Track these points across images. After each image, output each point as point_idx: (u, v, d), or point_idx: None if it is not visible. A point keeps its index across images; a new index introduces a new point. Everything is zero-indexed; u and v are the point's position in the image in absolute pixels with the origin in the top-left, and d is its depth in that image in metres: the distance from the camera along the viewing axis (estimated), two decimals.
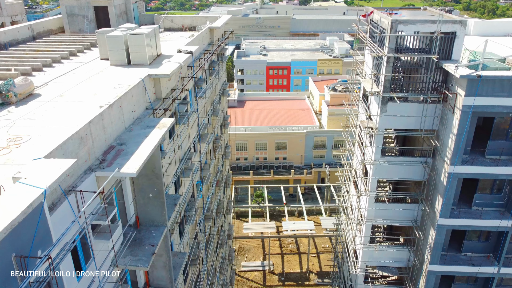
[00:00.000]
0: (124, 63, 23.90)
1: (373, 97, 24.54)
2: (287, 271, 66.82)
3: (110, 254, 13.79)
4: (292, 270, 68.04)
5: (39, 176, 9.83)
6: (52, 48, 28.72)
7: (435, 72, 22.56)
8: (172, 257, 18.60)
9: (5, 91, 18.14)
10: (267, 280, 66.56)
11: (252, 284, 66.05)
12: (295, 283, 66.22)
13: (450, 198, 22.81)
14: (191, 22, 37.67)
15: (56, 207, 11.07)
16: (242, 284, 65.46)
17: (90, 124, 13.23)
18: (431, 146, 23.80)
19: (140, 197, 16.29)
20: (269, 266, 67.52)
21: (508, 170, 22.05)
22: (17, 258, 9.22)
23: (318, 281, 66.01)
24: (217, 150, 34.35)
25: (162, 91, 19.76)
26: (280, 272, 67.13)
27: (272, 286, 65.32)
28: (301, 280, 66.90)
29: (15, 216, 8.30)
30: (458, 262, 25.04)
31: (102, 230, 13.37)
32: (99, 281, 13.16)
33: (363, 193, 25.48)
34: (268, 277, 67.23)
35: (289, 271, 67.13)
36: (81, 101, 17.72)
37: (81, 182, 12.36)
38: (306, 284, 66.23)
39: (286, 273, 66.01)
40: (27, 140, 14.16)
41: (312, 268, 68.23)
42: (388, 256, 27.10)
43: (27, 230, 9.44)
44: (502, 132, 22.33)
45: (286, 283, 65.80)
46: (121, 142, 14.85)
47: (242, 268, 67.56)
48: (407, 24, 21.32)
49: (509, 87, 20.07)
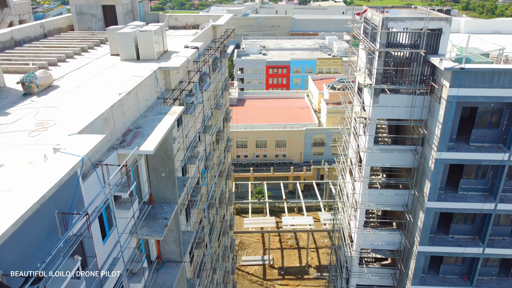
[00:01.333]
0: (133, 58, 25.57)
1: (366, 89, 26.38)
2: (287, 265, 68.19)
3: (129, 224, 15.60)
4: (292, 265, 69.31)
5: (76, 147, 11.61)
6: (64, 44, 30.43)
7: (423, 65, 24.42)
8: (181, 235, 20.37)
9: (28, 83, 19.88)
10: (267, 274, 67.75)
11: (252, 278, 67.31)
12: (295, 277, 67.57)
13: (437, 182, 24.64)
14: (194, 21, 39.42)
15: (86, 177, 12.83)
16: (243, 278, 66.76)
17: (112, 108, 15.00)
18: (420, 135, 25.64)
19: (153, 177, 18.08)
20: (269, 261, 68.84)
21: (490, 156, 23.91)
22: (60, 214, 10.98)
23: (317, 275, 67.29)
24: (220, 142, 36.16)
25: (172, 83, 21.54)
26: (280, 266, 68.35)
27: (272, 279, 66.48)
28: (300, 274, 68.20)
29: (60, 177, 10.08)
30: (445, 243, 26.88)
31: (123, 201, 15.15)
32: (120, 246, 14.94)
33: (357, 179, 27.32)
34: (268, 271, 68.41)
35: (288, 265, 68.37)
36: (96, 92, 19.47)
37: (106, 158, 14.12)
38: (305, 278, 67.57)
39: (285, 267, 67.46)
40: (53, 124, 15.89)
41: (311, 263, 69.58)
42: (381, 239, 28.93)
43: (66, 193, 11.22)
44: (485, 121, 24.17)
45: (286, 277, 67.16)
46: (138, 126, 16.64)
47: (242, 263, 68.87)
48: (396, 21, 23.17)
49: (490, 79, 21.91)
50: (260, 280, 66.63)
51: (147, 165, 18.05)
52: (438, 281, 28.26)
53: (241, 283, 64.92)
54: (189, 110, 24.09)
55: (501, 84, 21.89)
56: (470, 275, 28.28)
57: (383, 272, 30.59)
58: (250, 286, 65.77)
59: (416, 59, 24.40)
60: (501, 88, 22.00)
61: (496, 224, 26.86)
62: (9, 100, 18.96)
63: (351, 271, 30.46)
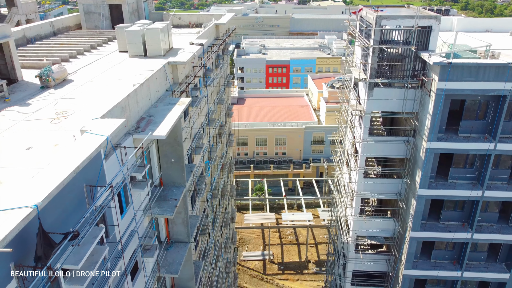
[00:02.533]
0: (141, 55, 27.09)
1: (361, 83, 27.98)
2: (287, 260, 69.73)
3: (143, 203, 17.19)
4: (291, 260, 70.65)
5: (100, 129, 13.19)
6: (74, 42, 31.95)
7: (414, 61, 26.02)
8: (189, 217, 21.95)
9: (45, 76, 21.44)
10: (267, 269, 69.05)
11: (252, 273, 68.60)
12: (294, 271, 68.97)
13: (428, 171, 26.25)
14: (197, 20, 40.97)
15: (108, 157, 14.41)
16: (243, 273, 68.04)
17: (128, 97, 16.60)
18: (412, 126, 27.24)
19: (164, 162, 19.68)
20: (269, 256, 70.27)
21: (476, 145, 25.53)
22: (87, 187, 12.56)
23: (316, 270, 68.58)
24: (222, 135, 37.76)
25: (179, 77, 23.15)
26: (280, 261, 69.80)
27: (272, 274, 67.84)
28: (300, 269, 69.57)
29: (90, 152, 11.67)
30: (436, 229, 28.49)
31: (138, 182, 16.73)
32: (135, 222, 16.53)
33: (353, 169, 28.93)
34: (268, 266, 69.74)
35: (288, 261, 69.83)
36: (108, 85, 21.04)
37: (123, 142, 15.70)
38: (305, 272, 68.91)
39: (285, 263, 69.06)
40: (72, 113, 17.46)
41: (311, 258, 70.96)
42: (376, 226, 30.55)
43: (92, 169, 12.81)
44: (472, 113, 25.78)
45: (286, 272, 68.56)
46: (150, 114, 18.24)
47: (243, 258, 70.07)
48: (389, 19, 24.77)
49: (476, 73, 23.51)
50: (260, 274, 67.97)
51: (158, 151, 19.63)
52: (430, 266, 29.87)
53: (242, 278, 66.09)
54: (194, 103, 25.64)
55: (486, 77, 23.50)
56: (460, 260, 29.87)
57: (378, 258, 32.20)
58: (250, 280, 67.00)
59: (408, 55, 25.99)
60: (486, 82, 23.62)
61: (484, 211, 28.45)
62: (28, 92, 20.49)
63: (347, 257, 32.07)
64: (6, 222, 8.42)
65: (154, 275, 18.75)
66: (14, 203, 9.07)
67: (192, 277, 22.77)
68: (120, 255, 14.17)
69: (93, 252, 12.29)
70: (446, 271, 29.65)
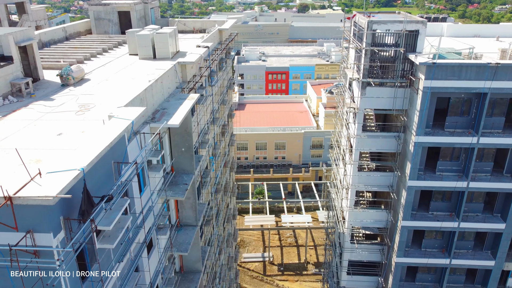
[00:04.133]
0: (150, 57, 29.36)
1: (355, 83, 30.24)
2: (286, 262, 71.00)
3: (158, 185, 19.29)
4: (291, 261, 71.81)
5: (125, 114, 15.35)
6: (86, 46, 34.26)
7: (404, 62, 28.30)
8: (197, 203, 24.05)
9: (65, 75, 23.67)
10: (267, 270, 70.25)
11: (253, 274, 69.84)
12: (294, 272, 70.29)
13: (416, 163, 28.41)
14: (201, 25, 43.39)
15: (129, 142, 16.53)
16: (244, 274, 69.32)
17: (145, 91, 18.80)
18: (402, 123, 29.44)
19: (175, 151, 21.84)
20: (269, 258, 71.57)
21: (461, 139, 27.75)
22: (115, 163, 14.67)
23: (315, 271, 69.87)
24: (225, 134, 39.92)
25: (187, 76, 25.35)
26: (280, 263, 71.02)
27: (272, 275, 69.03)
28: (299, 270, 70.84)
29: (119, 132, 13.85)
30: (425, 219, 30.60)
31: (154, 166, 18.85)
32: (151, 201, 18.63)
33: (348, 162, 31.10)
34: (268, 267, 70.94)
35: (288, 262, 71.02)
36: (123, 83, 23.27)
37: (141, 130, 17.84)
38: (304, 273, 70.17)
39: (285, 264, 70.35)
40: (93, 107, 19.64)
41: (310, 259, 72.23)
42: (370, 217, 32.64)
43: (118, 150, 14.92)
44: (457, 109, 28.03)
45: (285, 273, 69.88)
46: (163, 107, 20.43)
47: (243, 260, 71.40)
48: (380, 23, 27.09)
49: (458, 72, 25.76)
50: (260, 275, 69.29)
51: (170, 141, 21.79)
52: (420, 254, 31.91)
53: (242, 279, 67.14)
54: (200, 100, 27.81)
55: (468, 76, 25.75)
56: (448, 248, 31.91)
57: (372, 248, 34.24)
58: (251, 281, 68.14)
59: (397, 56, 28.27)
60: (468, 80, 25.87)
61: (470, 201, 30.56)
62: (50, 89, 22.72)
63: (343, 247, 34.12)
64: (61, 180, 10.58)
65: (166, 252, 20.80)
66: (64, 167, 11.21)
67: (199, 259, 24.82)
68: (141, 225, 16.28)
69: (119, 220, 14.38)
70: (436, 259, 31.68)
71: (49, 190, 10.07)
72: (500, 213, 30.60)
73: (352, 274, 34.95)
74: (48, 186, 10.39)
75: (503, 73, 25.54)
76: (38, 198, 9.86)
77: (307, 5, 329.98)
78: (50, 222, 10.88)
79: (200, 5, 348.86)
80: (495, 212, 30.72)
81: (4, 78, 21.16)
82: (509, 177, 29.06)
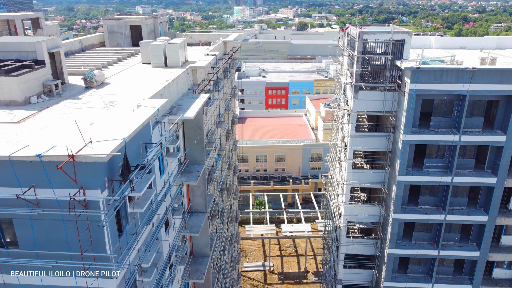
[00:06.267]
0: (162, 65, 32.29)
1: (349, 87, 33.34)
2: (286, 270, 72.55)
3: (175, 170, 22.10)
4: (291, 270, 73.26)
5: (151, 104, 18.24)
6: (102, 55, 37.31)
7: (392, 68, 31.40)
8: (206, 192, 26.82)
9: (89, 78, 26.61)
10: (267, 279, 71.68)
11: (254, 282, 71.42)
12: (294, 281, 71.94)
13: (405, 159, 31.32)
14: (206, 38, 46.66)
15: (153, 129, 19.38)
16: (245, 282, 70.86)
17: (164, 88, 21.80)
18: (391, 123, 32.43)
19: (188, 143, 24.72)
20: (270, 267, 73.00)
21: (444, 137, 30.76)
22: (143, 144, 17.52)
23: (315, 279, 71.35)
24: (229, 139, 42.82)
25: (198, 79, 28.34)
26: (280, 271, 72.45)
27: (272, 284, 70.49)
28: (299, 279, 72.32)
29: (149, 115, 16.76)
30: (414, 212, 33.33)
31: (171, 153, 21.70)
32: (169, 183, 21.42)
33: (343, 160, 33.99)
34: (269, 276, 72.38)
35: (288, 271, 72.49)
36: (141, 85, 26.14)
37: (161, 121, 20.70)
38: (304, 282, 71.79)
39: (285, 273, 71.93)
40: (117, 104, 22.49)
41: (310, 268, 73.80)
42: (364, 211, 35.38)
43: (144, 134, 17.76)
44: (441, 110, 31.12)
45: (285, 282, 71.45)
46: (179, 104, 23.39)
47: (244, 269, 73.06)
48: (369, 34, 30.33)
49: (440, 76, 28.88)
50: (261, 284, 70.77)
51: (183, 135, 24.66)
52: (411, 246, 34.52)
53: (243, 287, 69.05)
54: (208, 103, 30.80)
55: (449, 80, 28.86)
56: (436, 241, 34.52)
57: (367, 242, 36.85)
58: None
59: (387, 63, 31.42)
60: (449, 83, 28.97)
61: (455, 196, 33.33)
62: (76, 91, 25.63)
63: (340, 241, 36.75)
64: (110, 144, 13.43)
65: (180, 232, 23.49)
66: (110, 137, 14.09)
67: (208, 244, 27.48)
68: (163, 199, 19.06)
69: (146, 192, 17.17)
70: (425, 250, 34.29)
71: (103, 150, 12.92)
72: (483, 206, 33.36)
73: (348, 267, 37.48)
74: (100, 149, 13.24)
75: (479, 77, 28.67)
76: (95, 156, 12.70)
77: (306, 24, 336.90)
78: (98, 181, 13.70)
79: (201, 23, 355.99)
80: (478, 205, 33.46)
81: (38, 79, 24.05)
82: (490, 172, 31.94)
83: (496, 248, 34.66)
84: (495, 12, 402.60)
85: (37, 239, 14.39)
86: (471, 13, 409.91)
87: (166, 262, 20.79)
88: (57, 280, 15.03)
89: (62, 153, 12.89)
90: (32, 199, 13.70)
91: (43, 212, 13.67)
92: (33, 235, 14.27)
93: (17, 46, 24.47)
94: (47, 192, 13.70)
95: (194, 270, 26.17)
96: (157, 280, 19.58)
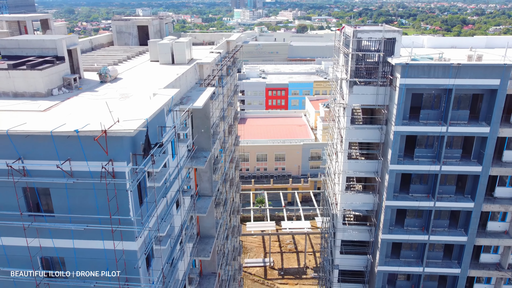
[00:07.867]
0: (169, 63, 34.52)
1: (344, 82, 35.77)
2: (286, 266, 74.80)
3: (184, 155, 24.42)
4: (291, 266, 75.17)
5: (166, 92, 20.57)
6: (112, 54, 39.61)
7: (384, 65, 33.82)
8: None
9: (104, 73, 28.92)
10: (268, 275, 73.60)
11: (254, 278, 73.43)
12: (293, 276, 73.88)
13: (396, 149, 33.71)
14: (210, 38, 49.08)
15: (167, 115, 21.71)
16: (246, 278, 72.65)
17: (175, 80, 24.17)
18: (384, 116, 34.82)
19: (195, 132, 27.05)
20: (270, 263, 75.35)
21: (432, 128, 33.20)
22: (159, 128, 19.85)
23: (314, 275, 73.23)
24: (231, 133, 45.17)
25: (204, 74, 30.68)
26: (280, 267, 74.63)
27: (272, 279, 72.51)
28: (298, 274, 74.35)
29: (165, 101, 19.10)
30: (406, 199, 35.69)
31: (182, 139, 24.04)
32: (180, 165, 23.75)
33: (339, 151, 36.38)
34: (269, 272, 74.30)
35: (288, 267, 74.68)
36: (150, 81, 28.40)
37: (173, 109, 23.01)
38: (304, 277, 73.76)
39: (285, 268, 74.24)
40: (131, 95, 24.82)
41: (309, 264, 75.74)
42: (359, 199, 37.76)
43: (160, 118, 20.07)
44: (429, 103, 33.55)
45: (285, 277, 73.43)
46: (188, 95, 25.74)
47: (245, 264, 74.73)
48: (363, 32, 32.80)
49: (428, 71, 31.32)
50: (261, 279, 72.72)
51: (192, 124, 26.99)
52: (403, 231, 36.84)
53: (244, 283, 70.72)
54: (213, 97, 33.12)
55: (436, 75, 31.28)
56: (426, 227, 36.82)
57: (362, 229, 39.20)
58: (252, 285, 71.36)
59: (379, 60, 33.84)
60: (436, 78, 31.40)
61: (444, 184, 35.69)
62: (92, 85, 27.94)
63: (336, 228, 39.11)
64: (136, 122, 15.77)
65: (189, 212, 25.81)
66: (133, 117, 16.42)
67: (213, 226, 29.81)
68: (176, 177, 21.39)
69: (161, 170, 19.49)
70: (416, 235, 36.59)
71: (130, 126, 15.26)
72: (470, 194, 35.70)
73: (344, 253, 39.77)
74: (127, 126, 15.57)
75: (464, 72, 31.10)
76: (124, 130, 15.03)
77: (305, 26, 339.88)
78: (124, 154, 16.04)
79: (201, 26, 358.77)
80: (465, 193, 35.80)
81: (59, 73, 26.36)
82: (475, 162, 34.30)
83: (482, 233, 37.00)
84: (494, 15, 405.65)
85: (70, 205, 16.71)
86: (470, 16, 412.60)
87: (178, 235, 23.10)
88: (87, 243, 17.36)
89: (96, 129, 15.23)
90: (68, 170, 16.03)
91: (78, 181, 16.00)
92: (68, 202, 16.61)
93: (39, 43, 26.73)
94: (80, 164, 16.03)
95: (201, 249, 28.48)
96: (170, 250, 21.89)
